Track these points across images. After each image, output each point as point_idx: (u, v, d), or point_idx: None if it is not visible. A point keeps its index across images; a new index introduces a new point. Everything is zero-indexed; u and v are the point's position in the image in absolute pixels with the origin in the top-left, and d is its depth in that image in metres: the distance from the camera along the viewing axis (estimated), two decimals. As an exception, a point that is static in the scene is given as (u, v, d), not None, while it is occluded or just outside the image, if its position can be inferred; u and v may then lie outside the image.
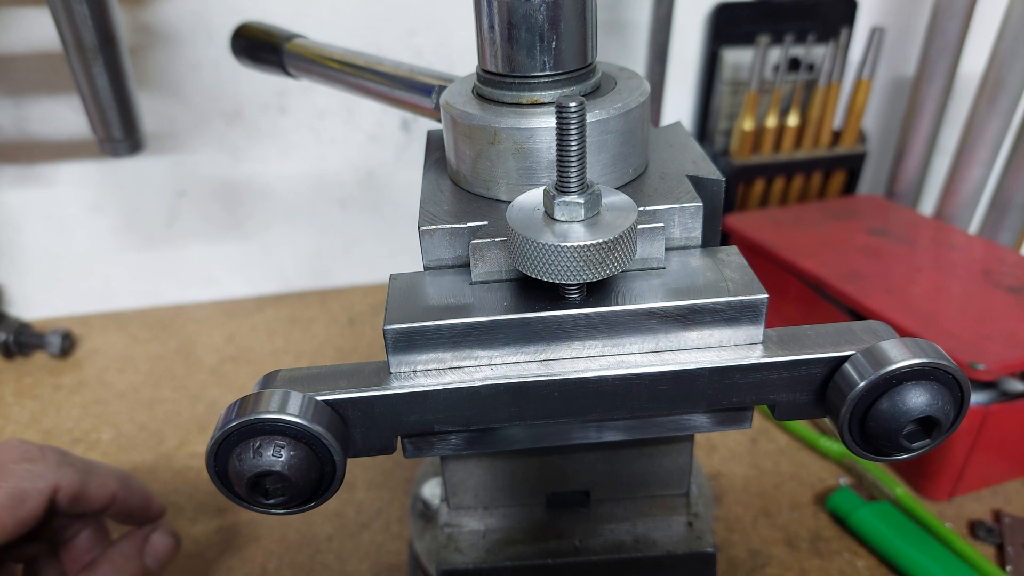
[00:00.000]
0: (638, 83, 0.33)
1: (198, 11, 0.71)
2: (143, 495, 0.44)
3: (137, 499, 0.44)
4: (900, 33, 0.83)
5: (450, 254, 0.31)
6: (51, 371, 0.75)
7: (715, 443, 0.62)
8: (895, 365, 0.26)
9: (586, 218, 0.26)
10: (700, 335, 0.29)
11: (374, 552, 0.53)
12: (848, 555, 0.51)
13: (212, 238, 0.83)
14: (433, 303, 0.29)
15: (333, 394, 0.28)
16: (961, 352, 0.51)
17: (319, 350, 0.77)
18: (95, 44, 0.55)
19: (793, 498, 0.56)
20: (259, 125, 0.77)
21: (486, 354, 0.29)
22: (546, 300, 0.28)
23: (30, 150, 0.75)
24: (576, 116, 0.25)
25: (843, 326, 0.29)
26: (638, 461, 0.39)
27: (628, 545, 0.38)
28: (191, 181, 0.79)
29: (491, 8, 0.30)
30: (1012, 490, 0.56)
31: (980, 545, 0.51)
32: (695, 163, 0.34)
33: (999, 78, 0.69)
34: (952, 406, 0.27)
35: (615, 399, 0.28)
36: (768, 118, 0.78)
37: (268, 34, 0.49)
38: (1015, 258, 0.64)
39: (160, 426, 0.67)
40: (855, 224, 0.72)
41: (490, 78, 0.32)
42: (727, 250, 0.31)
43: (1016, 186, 0.72)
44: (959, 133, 0.76)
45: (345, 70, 0.43)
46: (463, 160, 0.32)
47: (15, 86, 0.71)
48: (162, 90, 0.74)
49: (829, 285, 0.62)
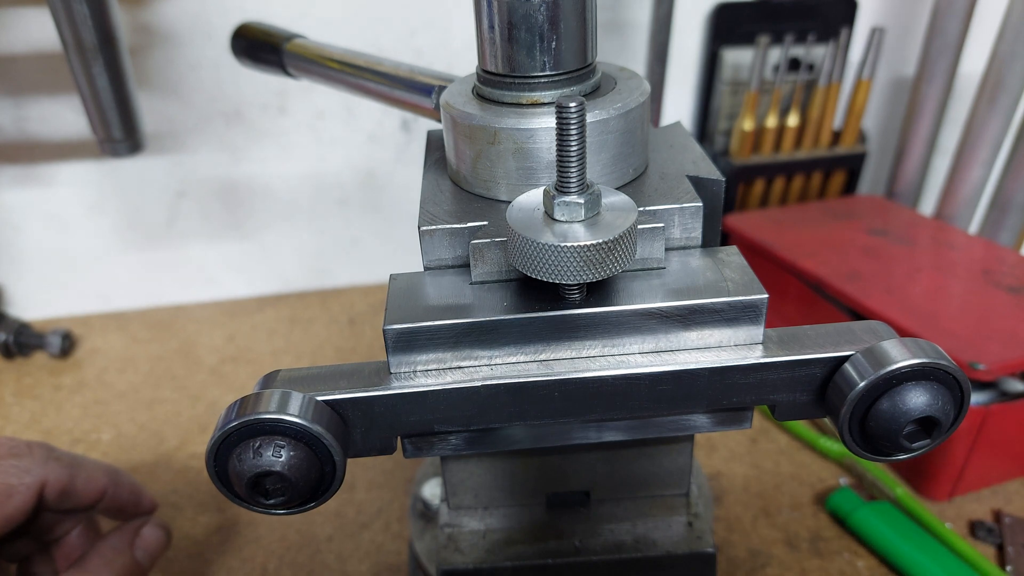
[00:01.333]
0: (638, 83, 0.33)
1: (198, 11, 0.71)
2: (133, 490, 0.44)
3: (127, 494, 0.43)
4: (900, 33, 0.83)
5: (450, 254, 0.31)
6: (51, 371, 0.75)
7: (715, 443, 0.62)
8: (895, 365, 0.26)
9: (586, 218, 0.26)
10: (700, 335, 0.29)
11: (374, 552, 0.53)
12: (848, 555, 0.51)
13: (212, 238, 0.83)
14: (433, 303, 0.29)
15: (333, 394, 0.28)
16: (961, 352, 0.51)
17: (319, 350, 0.77)
18: (95, 44, 0.55)
19: (793, 498, 0.56)
20: (259, 125, 0.77)
21: (486, 354, 0.29)
22: (546, 300, 0.28)
23: (30, 150, 0.75)
24: (576, 116, 0.25)
25: (843, 326, 0.29)
26: (638, 461, 0.39)
27: (628, 545, 0.38)
28: (191, 181, 0.79)
29: (491, 8, 0.30)
30: (1012, 490, 0.56)
31: (980, 545, 0.51)
32: (695, 163, 0.34)
33: (999, 78, 0.69)
34: (952, 406, 0.27)
35: (615, 399, 0.28)
36: (768, 118, 0.78)
37: (268, 34, 0.49)
38: (1015, 258, 0.64)
39: (160, 426, 0.67)
40: (855, 224, 0.72)
41: (490, 78, 0.32)
42: (727, 250, 0.31)
43: (1016, 186, 0.72)
44: (959, 133, 0.76)
45: (345, 70, 0.43)
46: (463, 160, 0.32)
47: (15, 86, 0.71)
48: (162, 90, 0.74)
49: (829, 285, 0.62)
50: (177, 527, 0.56)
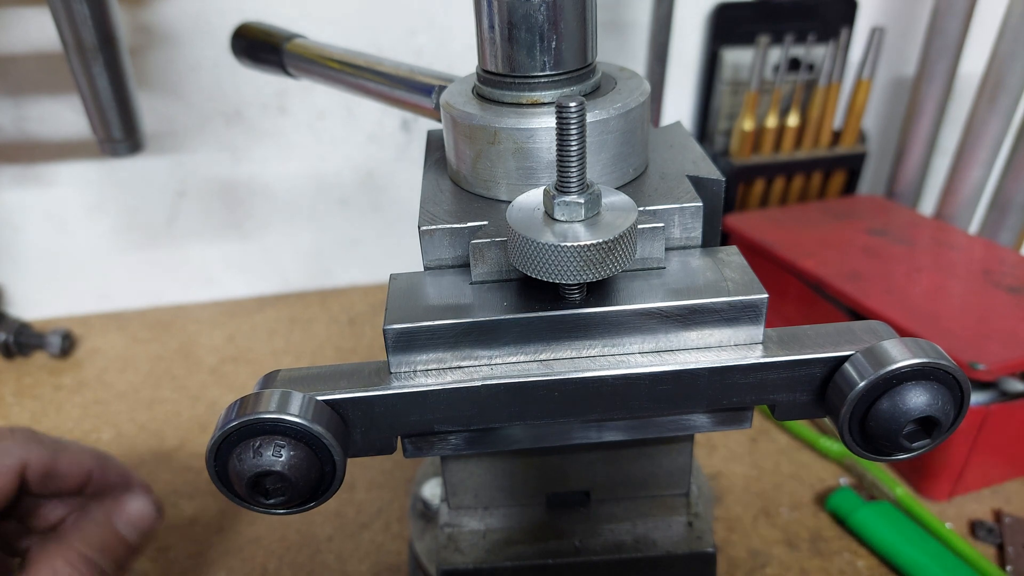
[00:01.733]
0: (638, 83, 0.33)
1: (198, 11, 0.71)
2: (122, 472, 0.42)
3: (116, 477, 0.42)
4: (900, 33, 0.83)
5: (450, 254, 0.31)
6: (51, 371, 0.75)
7: (715, 443, 0.62)
8: (895, 365, 0.26)
9: (586, 218, 0.26)
10: (700, 335, 0.29)
11: (374, 552, 0.53)
12: (848, 555, 0.51)
13: (212, 238, 0.83)
14: (433, 303, 0.29)
15: (333, 394, 0.28)
16: (961, 352, 0.51)
17: (319, 350, 0.77)
18: (95, 44, 0.55)
19: (793, 498, 0.56)
20: (259, 125, 0.77)
21: (486, 354, 0.29)
22: (546, 300, 0.28)
23: (30, 150, 0.75)
24: (576, 116, 0.25)
25: (843, 326, 0.29)
26: (638, 461, 0.39)
27: (628, 545, 0.38)
28: (191, 181, 0.79)
29: (491, 8, 0.30)
30: (1012, 490, 0.56)
31: (980, 545, 0.51)
32: (695, 163, 0.34)
33: (999, 78, 0.69)
34: (952, 406, 0.27)
35: (615, 399, 0.28)
36: (768, 118, 0.78)
37: (268, 34, 0.49)
38: (1015, 258, 0.64)
39: (160, 426, 0.67)
40: (855, 224, 0.72)
41: (490, 78, 0.32)
42: (727, 250, 0.31)
43: (1016, 186, 0.72)
44: (959, 133, 0.76)
45: (345, 70, 0.43)
46: (463, 160, 0.32)
47: (15, 86, 0.71)
48: (162, 90, 0.74)
49: (829, 285, 0.62)
50: (177, 527, 0.56)
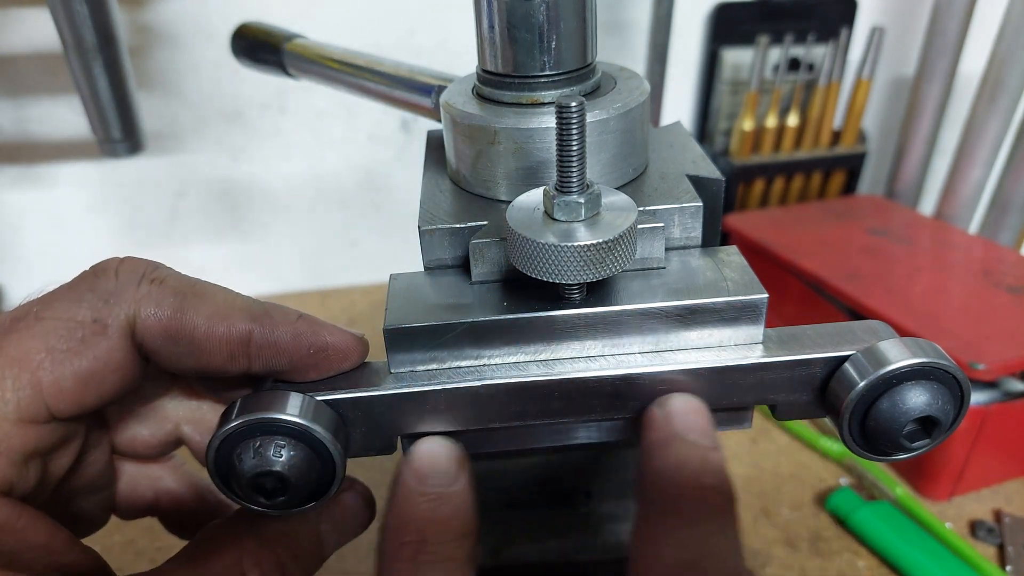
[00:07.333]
0: (638, 83, 0.33)
1: (198, 11, 0.71)
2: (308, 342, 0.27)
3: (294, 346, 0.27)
4: (900, 33, 0.83)
5: (450, 254, 0.31)
6: (51, 371, 0.75)
7: (715, 443, 0.62)
8: (895, 365, 0.26)
9: (586, 218, 0.26)
10: (700, 335, 0.29)
11: (374, 552, 0.53)
12: (848, 555, 0.51)
13: (212, 238, 0.83)
14: (433, 303, 0.29)
15: (333, 394, 0.28)
16: (961, 352, 0.51)
17: (319, 350, 0.77)
18: (95, 44, 0.54)
19: (793, 498, 0.56)
20: (259, 125, 0.77)
21: (486, 354, 0.29)
22: (546, 300, 0.28)
23: (30, 150, 0.75)
24: (576, 116, 0.25)
25: (843, 326, 0.29)
26: (638, 461, 0.39)
27: (628, 545, 0.38)
28: (191, 181, 0.79)
29: (491, 8, 0.30)
30: (1012, 490, 0.56)
31: (980, 545, 0.51)
32: (695, 163, 0.34)
33: (999, 78, 0.69)
34: (952, 406, 0.27)
35: (615, 399, 0.28)
36: (768, 118, 0.78)
37: (268, 34, 0.49)
38: (1015, 258, 0.64)
39: (160, 426, 0.66)
40: (855, 224, 0.72)
41: (490, 78, 0.32)
42: (727, 250, 0.31)
43: (1016, 186, 0.72)
44: (959, 133, 0.76)
45: (345, 70, 0.43)
46: (463, 160, 0.32)
47: (15, 86, 0.71)
48: (162, 90, 0.74)
49: (829, 285, 0.62)
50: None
